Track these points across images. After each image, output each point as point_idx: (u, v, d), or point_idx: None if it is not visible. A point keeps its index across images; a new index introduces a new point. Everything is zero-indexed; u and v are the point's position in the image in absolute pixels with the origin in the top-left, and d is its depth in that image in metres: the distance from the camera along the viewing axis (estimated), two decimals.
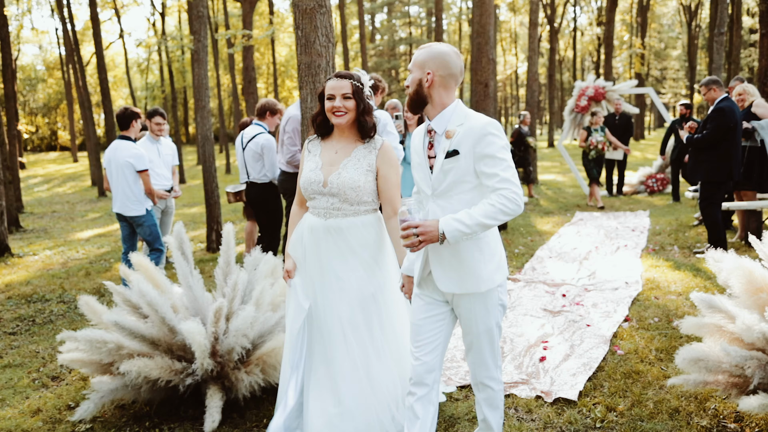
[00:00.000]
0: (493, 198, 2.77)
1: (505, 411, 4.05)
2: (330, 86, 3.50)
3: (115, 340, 4.05)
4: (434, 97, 2.96)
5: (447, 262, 2.96)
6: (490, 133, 2.82)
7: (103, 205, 20.21)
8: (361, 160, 3.53)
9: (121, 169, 6.96)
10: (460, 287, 2.95)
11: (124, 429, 4.09)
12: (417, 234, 2.79)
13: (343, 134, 3.59)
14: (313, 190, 3.54)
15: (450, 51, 2.97)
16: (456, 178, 2.89)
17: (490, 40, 13.11)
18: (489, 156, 2.80)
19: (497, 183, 2.78)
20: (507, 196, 2.75)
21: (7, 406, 4.62)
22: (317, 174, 3.53)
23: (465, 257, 2.93)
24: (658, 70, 58.33)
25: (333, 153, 3.58)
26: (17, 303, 7.70)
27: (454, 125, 2.92)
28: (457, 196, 2.91)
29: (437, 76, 2.93)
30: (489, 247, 2.97)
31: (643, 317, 5.74)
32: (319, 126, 3.64)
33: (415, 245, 2.80)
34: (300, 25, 5.62)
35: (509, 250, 9.13)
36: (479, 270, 2.92)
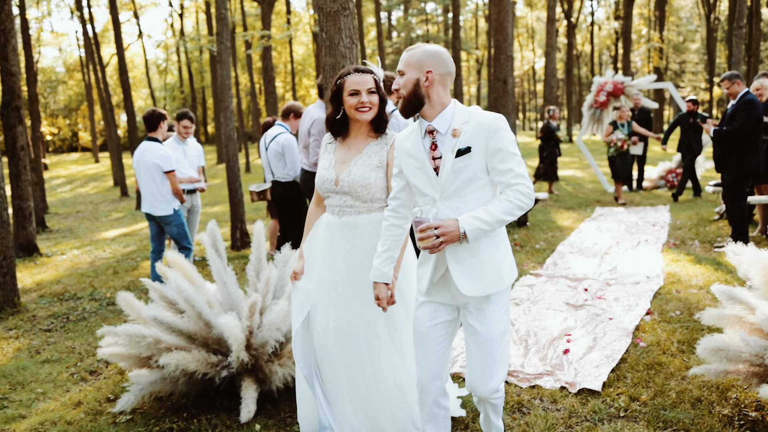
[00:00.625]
0: (509, 194, 2.77)
1: (531, 402, 4.16)
2: (354, 81, 3.41)
3: (153, 335, 4.21)
4: (433, 97, 2.91)
5: (467, 264, 2.89)
6: (501, 128, 2.81)
7: (126, 205, 20.51)
8: (372, 156, 3.47)
9: (149, 170, 7.14)
10: (483, 288, 2.89)
11: (163, 420, 4.26)
12: (438, 235, 2.75)
13: (360, 130, 3.54)
14: (326, 189, 3.50)
15: (444, 50, 2.94)
16: (469, 176, 2.85)
17: (508, 37, 13.18)
18: (502, 151, 2.79)
19: (512, 179, 2.78)
20: (522, 191, 2.76)
21: (49, 399, 4.81)
22: (330, 172, 3.50)
23: (484, 256, 2.89)
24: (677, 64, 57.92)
25: (346, 150, 3.55)
26: (50, 301, 7.92)
27: (459, 123, 2.88)
28: (470, 194, 2.87)
29: (437, 74, 2.89)
30: (504, 244, 2.98)
31: (665, 310, 5.82)
32: (339, 127, 3.56)
33: (435, 246, 2.76)
34: (324, 27, 5.75)
35: (530, 246, 9.22)
36: (500, 267, 2.92)
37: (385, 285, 3.18)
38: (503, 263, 2.94)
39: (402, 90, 2.92)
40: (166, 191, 7.21)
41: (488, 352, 2.93)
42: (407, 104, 2.92)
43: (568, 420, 3.88)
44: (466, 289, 2.88)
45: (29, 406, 4.71)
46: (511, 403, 4.13)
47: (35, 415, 4.52)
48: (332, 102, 3.50)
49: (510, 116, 14.19)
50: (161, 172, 7.17)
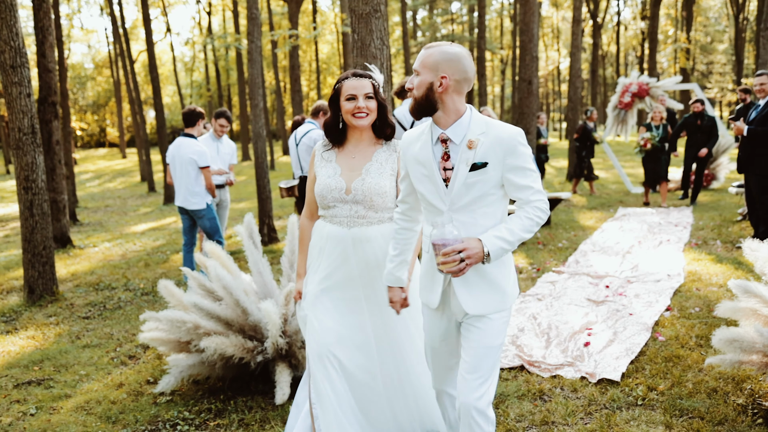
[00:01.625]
0: (529, 211, 2.69)
1: (552, 390, 4.34)
2: (351, 86, 3.29)
3: (192, 320, 4.44)
4: (447, 103, 2.74)
5: (473, 283, 2.80)
6: (520, 143, 2.69)
7: (154, 200, 20.90)
8: (384, 164, 3.35)
9: (185, 165, 7.39)
10: (487, 307, 2.81)
11: (201, 401, 4.49)
12: (463, 258, 2.62)
13: (361, 137, 3.39)
14: (333, 198, 3.31)
15: (465, 53, 2.75)
16: (482, 191, 2.73)
17: (533, 37, 13.30)
18: (521, 168, 2.69)
19: (531, 195, 2.69)
20: (541, 207, 2.70)
21: (92, 380, 5.07)
22: (337, 181, 3.31)
23: (490, 275, 2.80)
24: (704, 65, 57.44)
25: (350, 158, 3.38)
26: (86, 290, 8.21)
27: (476, 134, 2.71)
28: (481, 209, 2.76)
29: (452, 80, 2.71)
30: (510, 260, 2.89)
31: (684, 307, 5.96)
32: (336, 133, 3.42)
33: (461, 270, 2.64)
34: (356, 28, 5.95)
35: (553, 244, 9.37)
36: (505, 285, 2.84)
37: (399, 289, 3.11)
38: (507, 281, 2.85)
39: (415, 91, 2.77)
40: (200, 186, 7.47)
41: (480, 359, 2.80)
42: (418, 107, 2.78)
43: (588, 407, 4.05)
44: (470, 307, 2.80)
45: (74, 386, 4.97)
46: (533, 391, 4.32)
47: (80, 394, 4.78)
48: (330, 107, 3.40)
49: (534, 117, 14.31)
50: (197, 168, 7.42)
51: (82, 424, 4.24)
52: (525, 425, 3.87)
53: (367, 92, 3.29)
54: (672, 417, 3.84)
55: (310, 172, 3.47)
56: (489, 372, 2.81)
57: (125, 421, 4.27)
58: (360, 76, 3.32)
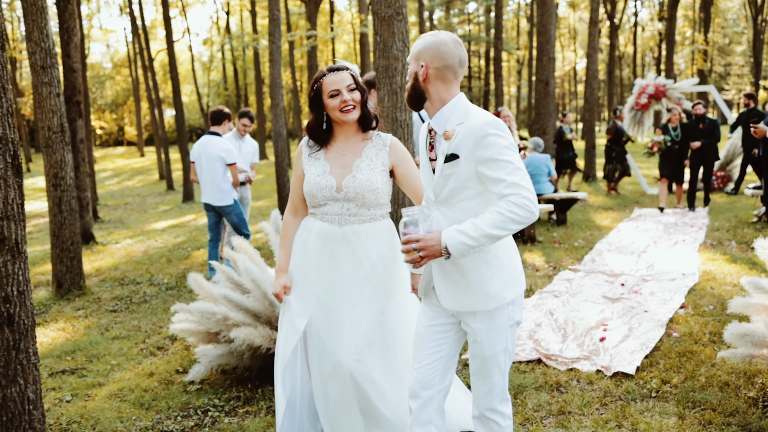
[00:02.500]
0: (501, 205, 2.48)
1: (568, 382, 4.48)
2: (332, 81, 3.20)
3: (222, 312, 4.62)
4: (431, 93, 2.69)
5: (451, 278, 2.71)
6: (489, 133, 2.53)
7: (172, 198, 21.15)
8: (374, 159, 3.28)
9: (212, 162, 7.58)
10: (464, 305, 2.70)
11: (230, 389, 4.67)
12: (417, 249, 2.55)
13: (348, 132, 3.33)
14: (324, 197, 3.25)
15: (447, 39, 2.67)
16: (457, 184, 2.64)
17: (551, 39, 13.43)
18: (491, 159, 2.52)
19: (504, 189, 2.49)
20: (516, 202, 2.46)
21: (123, 369, 5.27)
22: (327, 179, 3.25)
23: (469, 272, 2.67)
24: (722, 66, 57.16)
25: (340, 154, 3.31)
26: (112, 285, 8.43)
27: (454, 124, 2.65)
28: (459, 204, 2.67)
29: (432, 68, 2.65)
30: (497, 260, 2.69)
31: (699, 305, 6.08)
32: (321, 134, 3.34)
33: (416, 261, 2.57)
34: (378, 31, 6.11)
35: (569, 243, 9.48)
36: (486, 286, 2.67)
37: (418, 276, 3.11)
38: (491, 281, 2.67)
39: (408, 82, 2.75)
40: (227, 182, 7.66)
41: (478, 369, 2.77)
42: (409, 98, 2.75)
43: (603, 399, 4.19)
44: (446, 302, 2.74)
45: (106, 375, 5.17)
46: (550, 383, 4.46)
47: (113, 383, 4.98)
48: (312, 108, 3.29)
49: (551, 117, 14.44)
50: (224, 164, 7.61)
51: (116, 410, 4.43)
52: (542, 415, 4.01)
53: (348, 84, 3.21)
54: (685, 408, 3.97)
55: (296, 168, 3.40)
56: (496, 377, 2.76)
57: (158, 407, 4.45)
58: (336, 69, 3.25)
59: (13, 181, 2.87)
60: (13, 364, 2.89)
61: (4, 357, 2.86)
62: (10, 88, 2.90)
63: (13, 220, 2.87)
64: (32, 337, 2.97)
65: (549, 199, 11.07)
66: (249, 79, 44.78)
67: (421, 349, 2.83)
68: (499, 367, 2.76)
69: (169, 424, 4.18)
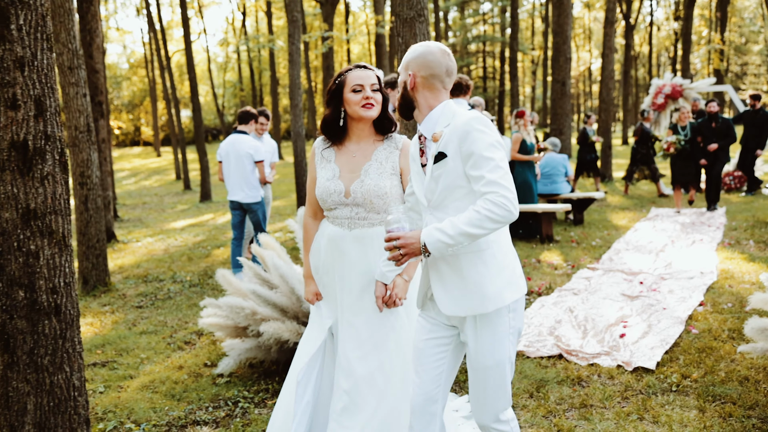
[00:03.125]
0: (478, 203, 2.47)
1: (589, 377, 4.57)
2: (357, 76, 3.17)
3: (250, 307, 4.74)
4: (419, 101, 2.75)
5: (448, 280, 2.67)
6: (473, 128, 2.55)
7: (189, 198, 21.36)
8: (384, 163, 3.23)
9: (241, 159, 7.71)
10: (462, 308, 2.64)
11: (258, 382, 4.80)
12: (398, 246, 2.58)
13: (362, 133, 3.28)
14: (333, 201, 3.23)
15: (434, 49, 2.72)
16: (447, 183, 2.63)
17: (567, 39, 13.48)
18: (474, 155, 2.52)
19: (483, 186, 2.49)
20: (494, 200, 2.44)
21: (153, 363, 5.41)
22: (336, 184, 3.22)
23: (467, 273, 2.63)
24: (738, 66, 56.81)
25: (350, 157, 3.27)
26: (136, 282, 8.58)
27: (441, 126, 2.68)
28: (452, 204, 2.65)
29: (419, 77, 2.71)
30: (495, 260, 2.65)
31: (717, 302, 6.14)
32: (335, 130, 3.28)
33: (397, 259, 2.60)
34: (400, 32, 6.22)
35: (587, 243, 9.55)
36: (484, 286, 2.61)
37: (383, 285, 3.05)
38: (490, 283, 2.62)
39: (398, 92, 2.81)
40: (256, 180, 7.79)
41: (480, 380, 2.71)
42: (400, 107, 2.81)
43: (624, 392, 4.28)
44: (444, 307, 2.68)
45: (136, 368, 5.31)
46: (572, 377, 4.55)
47: (143, 375, 5.12)
48: (330, 103, 3.26)
49: (567, 117, 14.49)
50: (252, 162, 7.76)
51: (149, 401, 4.56)
52: (565, 407, 4.11)
53: (372, 83, 3.19)
54: (705, 402, 4.05)
55: (311, 170, 3.38)
56: (499, 390, 2.69)
57: (189, 398, 4.58)
58: (364, 67, 3.22)
59: (61, 177, 3.00)
60: (59, 352, 3.01)
61: (52, 345, 2.99)
62: (57, 89, 3.03)
63: (60, 215, 3.00)
64: (77, 327, 3.10)
65: (566, 199, 11.13)
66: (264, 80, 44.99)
67: (422, 363, 2.79)
68: (502, 378, 2.68)
69: (201, 414, 4.31)
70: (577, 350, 5.02)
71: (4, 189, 2.86)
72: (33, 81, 2.88)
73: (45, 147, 2.93)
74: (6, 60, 2.81)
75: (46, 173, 2.93)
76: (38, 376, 2.97)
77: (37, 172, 2.91)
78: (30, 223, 2.90)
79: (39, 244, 2.93)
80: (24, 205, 2.89)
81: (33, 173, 2.90)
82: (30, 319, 2.94)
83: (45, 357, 2.98)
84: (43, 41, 2.92)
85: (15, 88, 2.84)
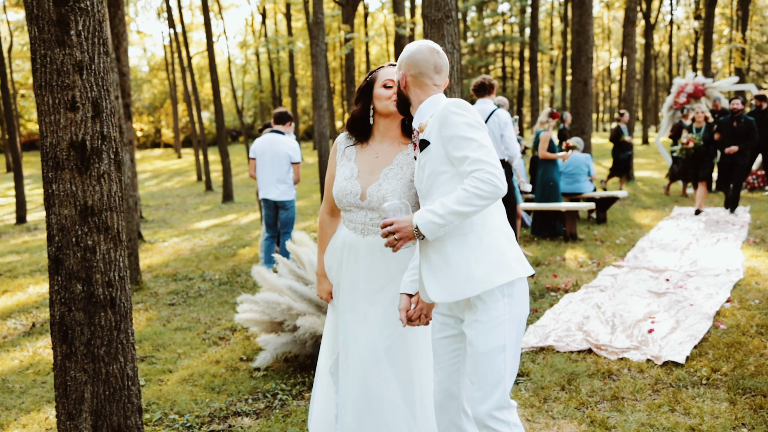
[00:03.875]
0: (466, 182, 2.50)
1: (619, 370, 4.65)
2: (389, 72, 3.14)
3: (286, 302, 4.87)
4: (412, 99, 2.84)
5: (436, 267, 2.66)
6: (450, 112, 2.60)
7: (211, 199, 21.57)
8: (405, 168, 3.09)
9: (279, 159, 7.87)
10: (451, 293, 2.61)
11: (294, 375, 4.93)
12: (392, 231, 2.60)
13: (389, 132, 3.19)
14: (348, 203, 3.12)
15: (423, 48, 2.80)
16: (431, 169, 2.67)
17: (589, 39, 13.52)
18: (456, 137, 2.56)
19: (468, 165, 2.51)
20: (480, 177, 2.47)
21: (190, 357, 5.55)
22: (353, 184, 3.11)
23: (451, 256, 2.62)
24: (760, 65, 56.31)
25: (373, 157, 3.17)
26: (166, 281, 8.75)
27: (427, 116, 2.75)
28: (437, 189, 2.67)
29: (409, 76, 2.80)
30: (481, 242, 2.63)
31: (744, 299, 6.19)
32: (362, 127, 3.21)
33: (393, 244, 2.62)
34: (428, 34, 6.33)
35: (611, 241, 9.60)
36: (471, 269, 2.59)
37: (407, 297, 2.93)
38: (475, 265, 2.59)
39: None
40: (290, 179, 7.95)
41: (478, 368, 2.63)
42: (396, 104, 2.96)
43: (655, 385, 4.36)
44: (433, 293, 2.66)
45: (174, 362, 5.45)
46: (602, 371, 4.63)
47: (181, 369, 5.26)
48: (359, 99, 3.22)
49: (588, 117, 14.52)
50: (289, 162, 7.92)
51: (189, 394, 4.70)
52: (596, 400, 4.19)
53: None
54: (735, 395, 4.13)
55: (330, 166, 3.29)
56: (494, 380, 2.61)
57: (228, 391, 4.72)
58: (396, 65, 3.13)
59: (115, 175, 3.14)
60: (114, 343, 3.15)
61: (107, 336, 3.13)
62: (112, 91, 3.17)
63: (115, 211, 3.14)
64: (130, 319, 3.23)
65: (589, 198, 11.19)
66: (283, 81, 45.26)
67: (438, 361, 2.85)
68: (494, 367, 2.60)
69: (241, 405, 4.44)
70: (607, 345, 5.10)
71: (64, 187, 3.01)
72: (91, 84, 3.02)
73: (101, 147, 3.07)
74: (66, 64, 2.95)
75: (102, 172, 3.07)
76: (95, 366, 3.11)
77: (94, 170, 3.05)
78: (87, 220, 3.04)
79: (96, 239, 3.07)
80: (82, 202, 3.03)
81: (90, 172, 3.04)
82: (87, 312, 3.08)
83: (101, 348, 3.12)
84: (100, 46, 3.06)
85: (74, 90, 2.98)
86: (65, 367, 3.10)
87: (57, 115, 2.97)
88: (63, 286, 3.06)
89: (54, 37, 2.93)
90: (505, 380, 2.62)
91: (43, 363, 5.64)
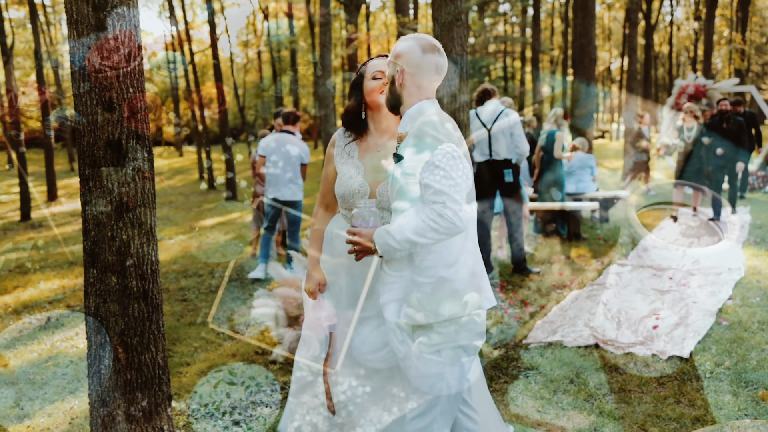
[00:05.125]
0: (425, 212, 2.40)
1: (625, 365, 4.80)
2: (378, 63, 3.05)
3: (302, 297, 5.01)
4: (405, 99, 2.65)
5: (384, 281, 2.64)
6: (426, 134, 2.47)
7: (214, 197, 21.69)
8: None
9: (290, 159, 8.01)
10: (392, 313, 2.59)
11: None
12: (353, 242, 2.56)
13: (381, 125, 3.11)
14: (356, 202, 2.97)
15: (426, 44, 2.63)
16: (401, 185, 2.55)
17: (591, 41, 13.66)
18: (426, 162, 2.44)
19: (430, 195, 2.39)
20: (439, 211, 2.36)
21: (206, 351, 5.69)
22: (361, 183, 3.02)
23: (390, 275, 2.60)
24: (759, 66, 56.46)
25: (374, 151, 3.08)
26: (175, 277, 8.88)
27: (409, 126, 2.60)
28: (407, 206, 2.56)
29: (407, 74, 2.61)
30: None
31: (746, 297, 6.34)
32: (356, 122, 3.12)
33: (353, 252, 2.60)
34: (438, 36, 6.46)
35: (614, 240, 9.76)
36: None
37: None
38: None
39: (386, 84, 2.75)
40: (300, 179, 8.09)
41: (420, 408, 2.59)
42: (387, 101, 2.75)
43: (660, 379, 4.51)
44: (387, 313, 2.64)
45: (191, 355, 5.59)
46: (609, 365, 4.79)
47: (199, 362, 5.40)
48: (352, 93, 3.12)
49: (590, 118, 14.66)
50: (300, 163, 8.06)
51: (208, 385, 4.85)
52: (604, 392, 4.34)
53: None
54: (738, 387, 4.28)
55: (327, 160, 3.20)
56: (427, 407, 2.54)
57: (247, 383, 4.86)
58: (385, 56, 3.06)
59: (149, 173, 3.28)
60: (147, 334, 3.29)
61: (140, 327, 3.27)
62: (145, 91, 3.31)
63: (148, 207, 3.28)
64: (161, 311, 3.37)
65: (592, 198, 11.32)
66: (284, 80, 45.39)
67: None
68: (435, 398, 2.52)
69: (261, 397, 4.59)
70: (613, 340, 5.25)
71: (101, 183, 3.15)
72: (126, 85, 3.16)
73: (136, 145, 3.21)
74: (104, 67, 3.09)
75: (137, 169, 3.21)
76: (128, 355, 3.26)
77: (129, 168, 3.19)
78: (122, 215, 3.19)
79: (130, 234, 3.21)
80: (117, 198, 3.17)
81: (126, 169, 3.18)
82: (121, 303, 3.22)
83: (134, 338, 3.26)
84: (135, 49, 3.20)
85: (111, 92, 3.12)
86: (99, 356, 3.25)
87: (95, 115, 3.12)
88: (98, 279, 3.20)
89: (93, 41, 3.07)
90: (439, 417, 2.59)
91: (62, 356, 5.78)
